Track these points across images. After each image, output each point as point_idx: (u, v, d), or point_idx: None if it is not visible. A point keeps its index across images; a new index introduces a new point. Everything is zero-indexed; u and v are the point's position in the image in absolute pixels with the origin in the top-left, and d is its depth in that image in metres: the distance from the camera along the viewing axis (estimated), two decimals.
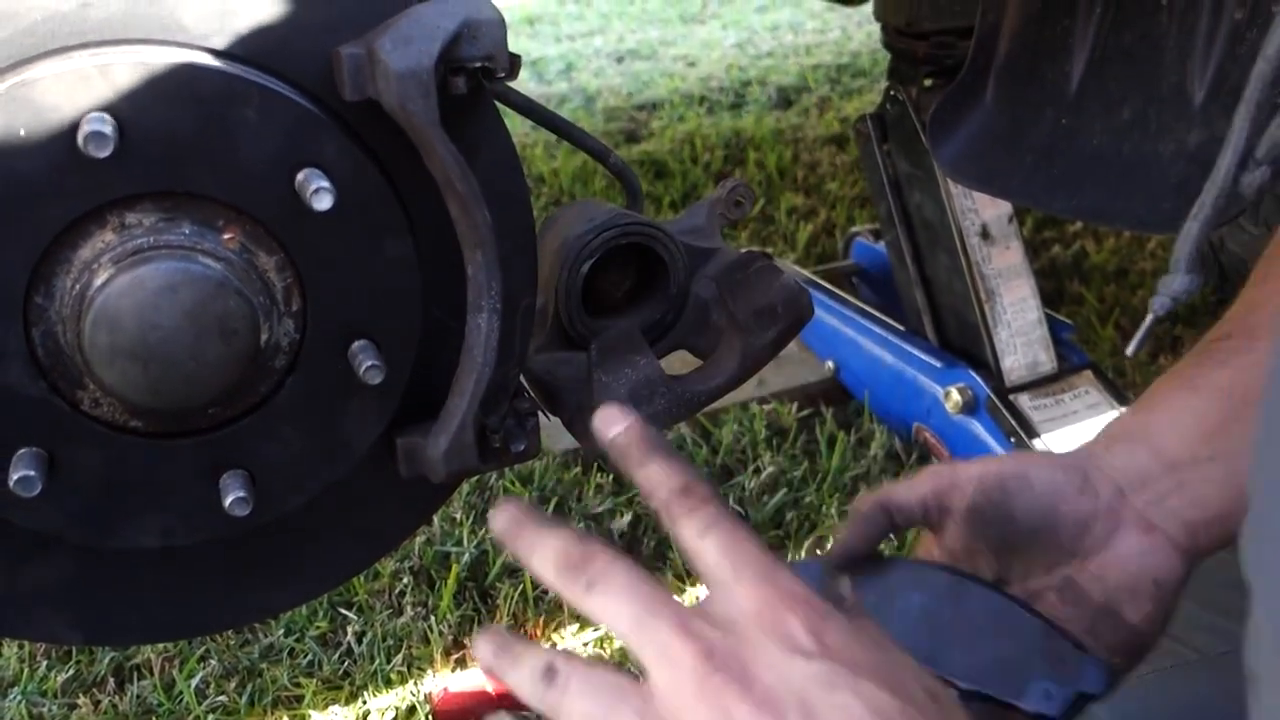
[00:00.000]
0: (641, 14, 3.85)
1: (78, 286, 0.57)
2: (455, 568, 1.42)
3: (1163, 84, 0.97)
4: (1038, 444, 1.54)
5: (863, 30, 3.46)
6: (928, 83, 1.58)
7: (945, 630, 0.58)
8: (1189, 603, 0.79)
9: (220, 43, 0.57)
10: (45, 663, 1.30)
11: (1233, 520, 0.59)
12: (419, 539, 1.47)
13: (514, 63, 0.61)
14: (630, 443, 0.49)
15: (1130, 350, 0.57)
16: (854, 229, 2.06)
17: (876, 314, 1.76)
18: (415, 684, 1.31)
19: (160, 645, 1.32)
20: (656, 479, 0.49)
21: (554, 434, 0.67)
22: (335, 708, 1.28)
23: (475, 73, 0.59)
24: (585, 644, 1.37)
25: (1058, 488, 0.61)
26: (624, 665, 1.35)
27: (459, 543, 1.47)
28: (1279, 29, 0.47)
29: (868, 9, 1.78)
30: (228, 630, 1.33)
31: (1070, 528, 0.60)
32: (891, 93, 1.61)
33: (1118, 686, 0.59)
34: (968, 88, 1.12)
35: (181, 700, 1.27)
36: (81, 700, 1.26)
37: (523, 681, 0.48)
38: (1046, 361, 1.62)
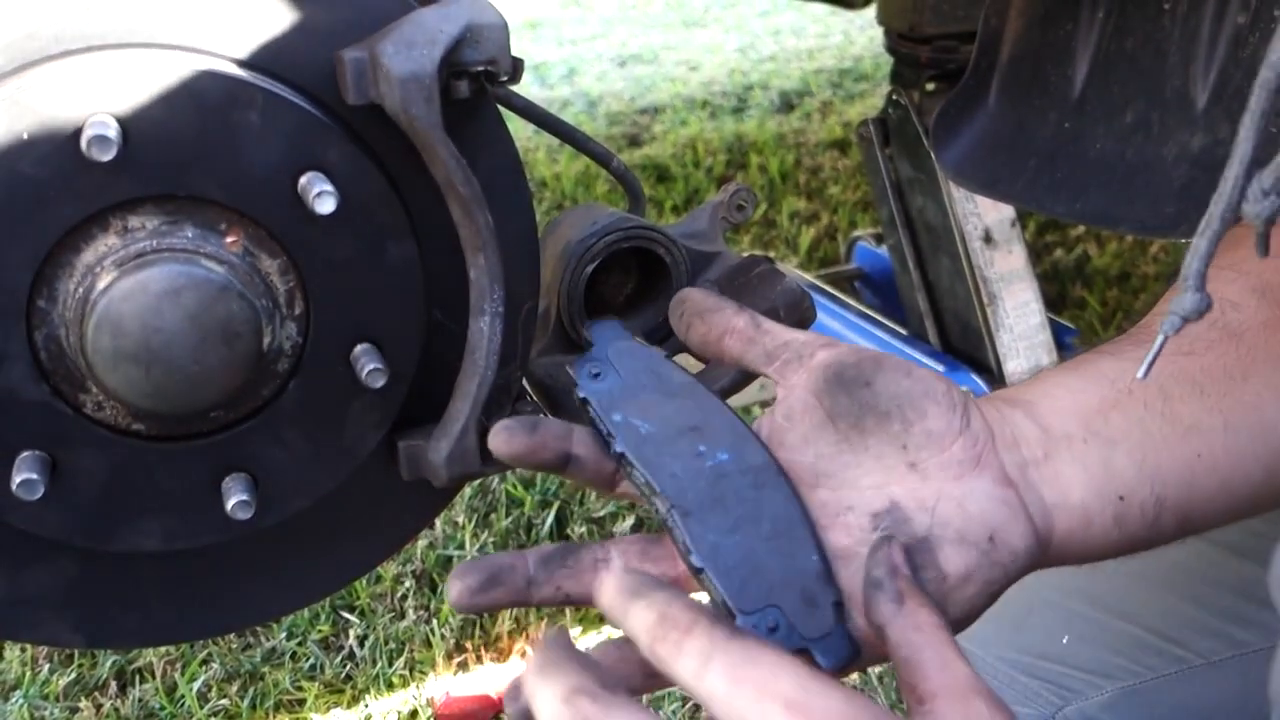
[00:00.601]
0: (644, 18, 3.86)
1: (80, 290, 0.57)
2: None
3: (1166, 88, 0.97)
4: None
5: (865, 34, 3.47)
6: (930, 87, 1.58)
7: (724, 497, 0.53)
8: (1193, 608, 0.79)
9: (223, 47, 0.57)
10: (47, 666, 1.30)
11: (1091, 527, 0.56)
12: (421, 542, 1.47)
13: (517, 67, 0.61)
14: (610, 601, 0.45)
15: (1141, 373, 0.53)
16: (856, 233, 2.06)
17: (879, 318, 1.76)
18: (417, 688, 1.31)
19: (162, 649, 1.32)
20: (636, 626, 0.44)
21: None
22: (337, 711, 1.28)
23: (478, 77, 0.59)
24: (586, 648, 1.36)
25: (932, 389, 0.54)
26: None
27: (461, 546, 1.47)
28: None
29: (870, 13, 1.78)
30: (230, 633, 1.33)
31: (926, 434, 0.53)
32: (894, 97, 1.61)
33: (846, 669, 0.51)
34: (971, 91, 1.12)
35: (183, 704, 1.27)
36: (83, 704, 1.26)
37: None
38: (1048, 364, 1.62)
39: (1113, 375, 0.57)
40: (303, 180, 0.58)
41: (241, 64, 0.58)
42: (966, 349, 1.65)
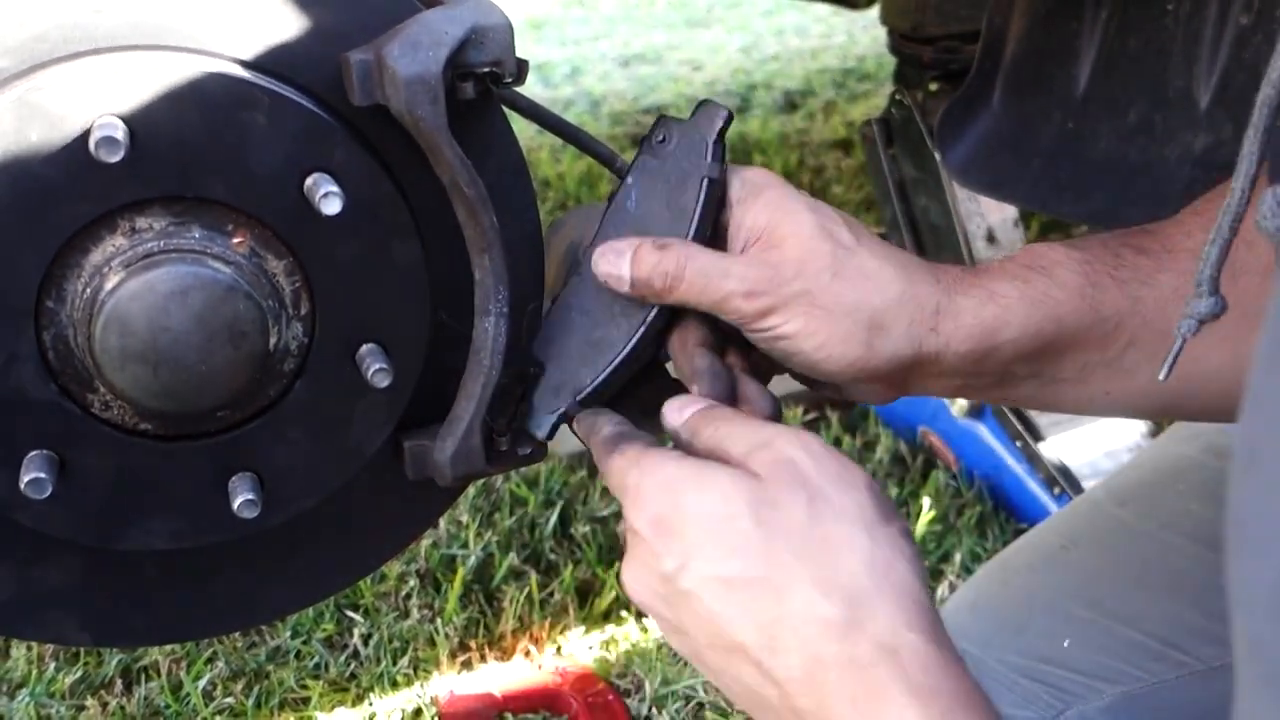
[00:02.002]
0: (647, 18, 3.86)
1: (89, 290, 0.57)
2: (461, 570, 1.42)
3: (1169, 88, 0.97)
4: (1044, 448, 1.53)
5: (868, 34, 3.47)
6: (933, 87, 1.58)
7: (599, 320, 0.65)
8: (1195, 613, 0.79)
9: (230, 49, 0.58)
10: (53, 664, 1.30)
11: (993, 346, 0.63)
12: (425, 542, 1.48)
13: (521, 68, 0.61)
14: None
15: (1162, 375, 0.57)
16: None
17: None
18: (421, 686, 1.31)
19: (168, 647, 1.33)
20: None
21: (560, 437, 0.67)
22: (341, 710, 1.28)
23: (483, 78, 0.60)
24: (590, 647, 1.37)
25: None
26: (630, 666, 1.34)
27: (465, 545, 1.47)
28: None
29: (873, 13, 1.78)
30: (235, 632, 1.33)
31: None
32: (897, 97, 1.61)
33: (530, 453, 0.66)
34: (975, 92, 1.12)
35: (189, 702, 1.27)
36: (89, 702, 1.26)
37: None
38: None
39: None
40: (309, 181, 0.58)
41: (248, 66, 0.58)
42: None
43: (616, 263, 0.62)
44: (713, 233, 0.64)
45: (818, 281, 0.60)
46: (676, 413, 0.59)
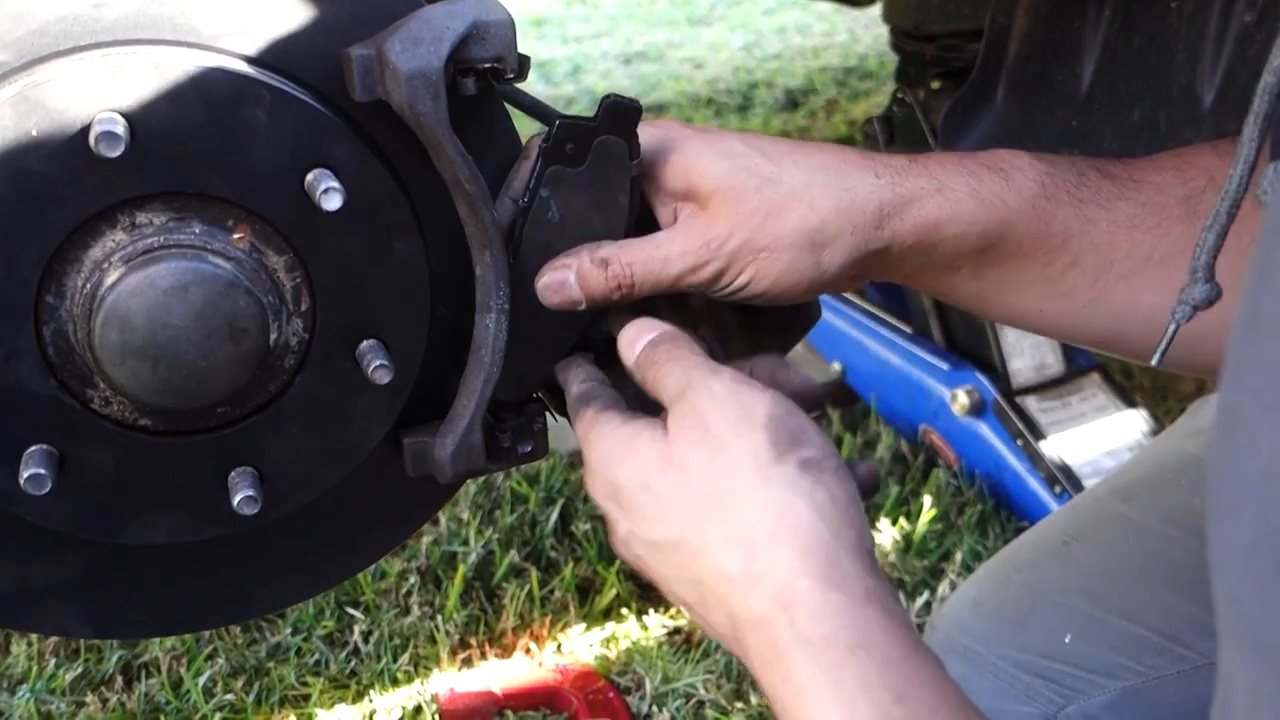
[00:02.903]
0: (649, 16, 3.86)
1: (88, 285, 0.57)
2: (462, 568, 1.42)
3: (1172, 86, 0.97)
4: (1045, 446, 1.53)
5: (870, 32, 3.46)
6: (935, 85, 1.58)
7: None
8: (1196, 608, 0.79)
9: (231, 44, 0.58)
10: (54, 660, 1.30)
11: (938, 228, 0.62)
12: (426, 539, 1.48)
13: (523, 64, 0.61)
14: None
15: (1155, 360, 0.57)
16: None
17: (883, 316, 1.76)
18: (422, 683, 1.31)
19: (168, 643, 1.33)
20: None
21: (561, 435, 0.68)
22: (342, 706, 1.28)
23: (484, 74, 0.60)
24: (591, 645, 1.37)
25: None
26: (630, 664, 1.34)
27: (465, 542, 1.47)
28: None
29: (875, 11, 1.78)
30: (234, 625, 1.33)
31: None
32: (899, 95, 1.60)
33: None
34: (978, 90, 1.12)
35: (189, 698, 1.27)
36: (90, 698, 1.26)
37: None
38: (1054, 364, 1.61)
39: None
40: (309, 177, 0.58)
41: (249, 61, 0.58)
42: (971, 347, 1.65)
43: (564, 290, 0.62)
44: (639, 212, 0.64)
45: (752, 227, 0.60)
46: (629, 349, 0.60)
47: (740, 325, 0.71)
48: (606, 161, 0.61)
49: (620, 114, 0.60)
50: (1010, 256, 0.64)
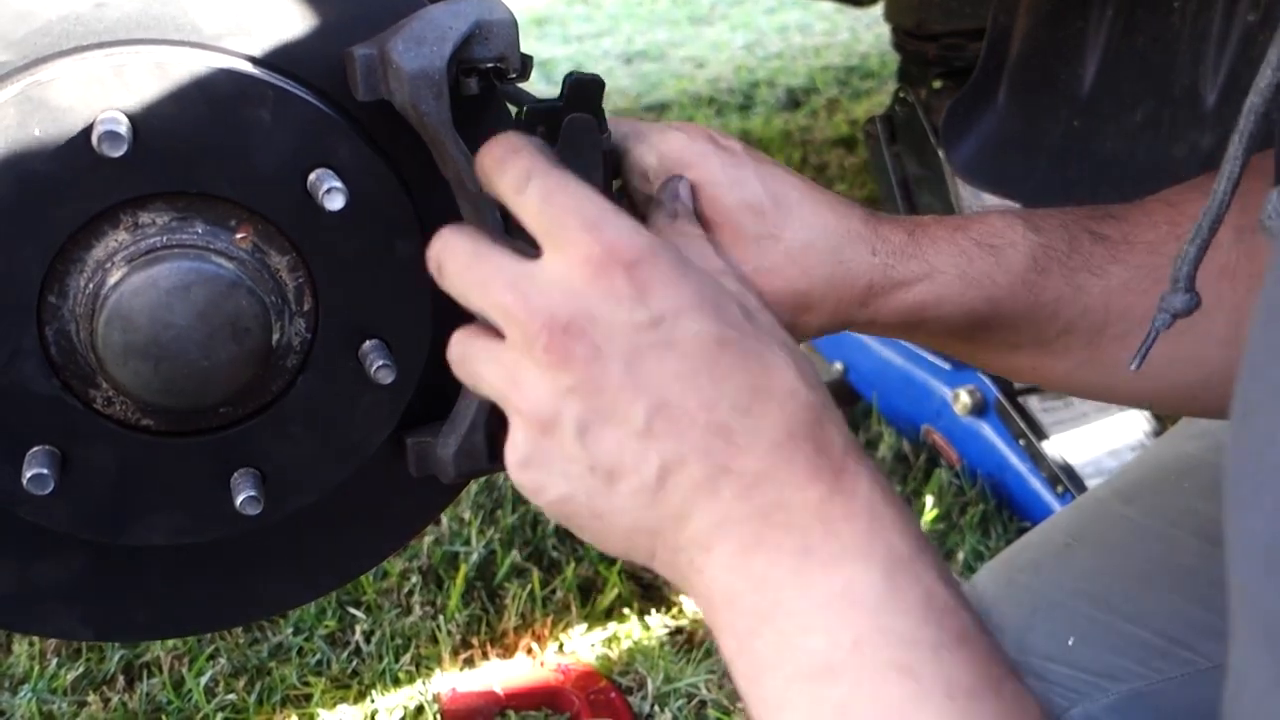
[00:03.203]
0: (650, 15, 3.85)
1: (91, 285, 0.57)
2: (463, 567, 1.42)
3: (1175, 86, 0.97)
4: (1047, 446, 1.53)
5: (872, 32, 3.46)
6: (937, 85, 1.58)
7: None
8: (1200, 610, 0.79)
9: (234, 43, 0.58)
10: (55, 660, 1.30)
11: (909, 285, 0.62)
12: (427, 538, 1.48)
13: (526, 64, 0.61)
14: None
15: (1133, 365, 0.58)
16: None
17: None
18: (423, 683, 1.31)
19: (170, 643, 1.33)
20: (486, 164, 0.52)
21: None
22: (343, 707, 1.28)
23: (487, 73, 0.60)
24: (592, 645, 1.37)
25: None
26: (632, 664, 1.34)
27: (467, 542, 1.47)
28: (1265, 73, 0.48)
29: (877, 11, 1.78)
30: (236, 627, 1.33)
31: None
32: (901, 94, 1.60)
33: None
34: (980, 90, 1.12)
35: (190, 698, 1.27)
36: (91, 698, 1.26)
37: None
38: None
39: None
40: (312, 177, 0.58)
41: (252, 61, 0.58)
42: None
43: None
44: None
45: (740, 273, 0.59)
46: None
47: None
48: (578, 139, 0.61)
49: (584, 90, 0.60)
50: (1000, 328, 0.64)
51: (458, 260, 0.51)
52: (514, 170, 0.51)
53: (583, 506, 0.49)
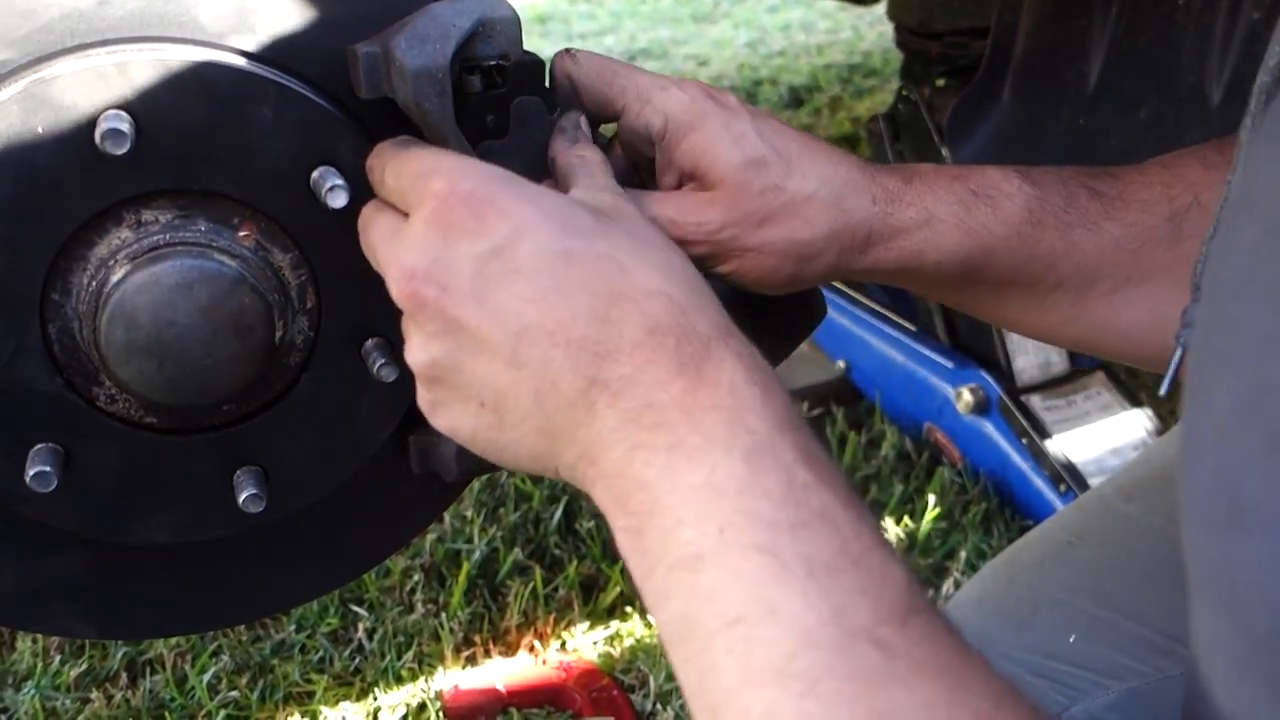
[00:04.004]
0: (653, 13, 3.85)
1: (94, 283, 0.57)
2: (466, 565, 1.42)
3: (1180, 84, 0.97)
4: (1050, 445, 1.53)
5: (875, 30, 3.45)
6: (940, 83, 1.57)
7: None
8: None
9: (237, 41, 0.57)
10: (59, 657, 1.31)
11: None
12: (430, 536, 1.48)
13: (538, 67, 0.61)
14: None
15: (1163, 391, 0.58)
16: None
17: (888, 314, 1.76)
18: (426, 681, 1.31)
19: (173, 641, 1.33)
20: (371, 181, 0.57)
21: None
22: (346, 704, 1.28)
23: (490, 71, 0.59)
24: (595, 642, 1.37)
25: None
26: (635, 662, 1.34)
27: (469, 540, 1.47)
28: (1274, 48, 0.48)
29: (880, 9, 1.77)
30: (239, 625, 1.33)
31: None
32: (904, 93, 1.60)
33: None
34: (985, 88, 1.12)
35: (194, 695, 1.27)
36: (94, 695, 1.27)
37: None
38: (1059, 362, 1.61)
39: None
40: (315, 174, 0.58)
41: (254, 58, 0.58)
42: (976, 346, 1.64)
43: None
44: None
45: (746, 226, 0.60)
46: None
47: (742, 322, 0.71)
48: (527, 123, 0.61)
49: (525, 73, 0.61)
50: (993, 279, 0.64)
51: (360, 224, 0.56)
52: (373, 170, 0.56)
53: (489, 440, 0.51)
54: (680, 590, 0.44)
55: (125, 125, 0.54)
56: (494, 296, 0.48)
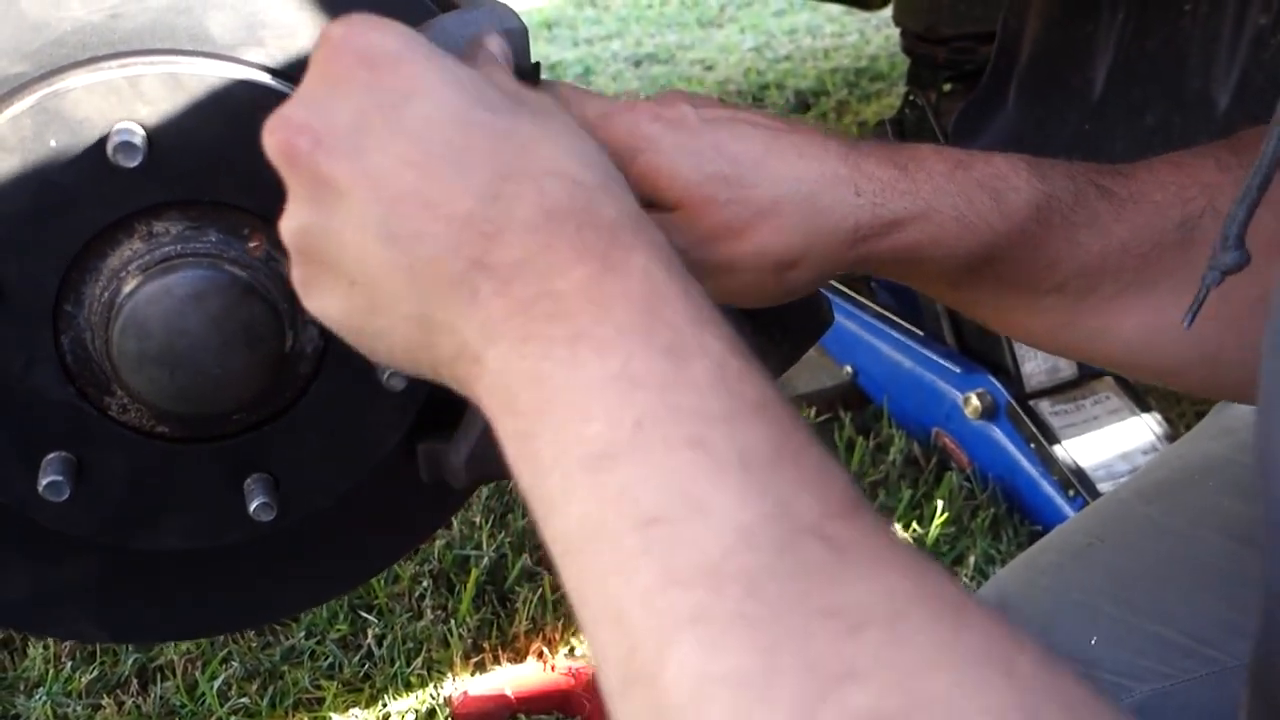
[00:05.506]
0: (659, 18, 3.85)
1: (106, 294, 0.58)
2: (475, 571, 1.43)
3: (1186, 90, 0.97)
4: (1059, 450, 1.53)
5: (881, 34, 3.45)
6: (947, 88, 1.57)
7: None
8: (1226, 608, 0.78)
9: (248, 53, 0.58)
10: (70, 664, 1.31)
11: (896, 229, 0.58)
12: (438, 542, 1.48)
13: (535, 71, 0.61)
14: None
15: (1186, 323, 0.56)
16: None
17: (895, 319, 1.76)
18: (435, 687, 1.31)
19: (183, 647, 1.33)
20: None
21: None
22: (355, 710, 1.29)
23: None
24: None
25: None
26: None
27: (478, 546, 1.47)
28: None
29: (887, 14, 1.77)
30: (249, 629, 1.34)
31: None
32: (910, 97, 1.60)
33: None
34: (990, 93, 1.12)
35: (204, 702, 1.28)
36: (105, 701, 1.27)
37: None
38: (1067, 367, 1.61)
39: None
40: None
41: (266, 71, 0.58)
42: (983, 350, 1.64)
43: None
44: None
45: (710, 245, 0.57)
46: None
47: (743, 334, 0.71)
48: None
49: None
50: (992, 278, 0.62)
51: None
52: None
53: (359, 328, 0.46)
54: (581, 493, 0.38)
55: (137, 138, 0.54)
56: (371, 155, 0.42)
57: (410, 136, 0.42)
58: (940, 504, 1.54)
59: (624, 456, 0.37)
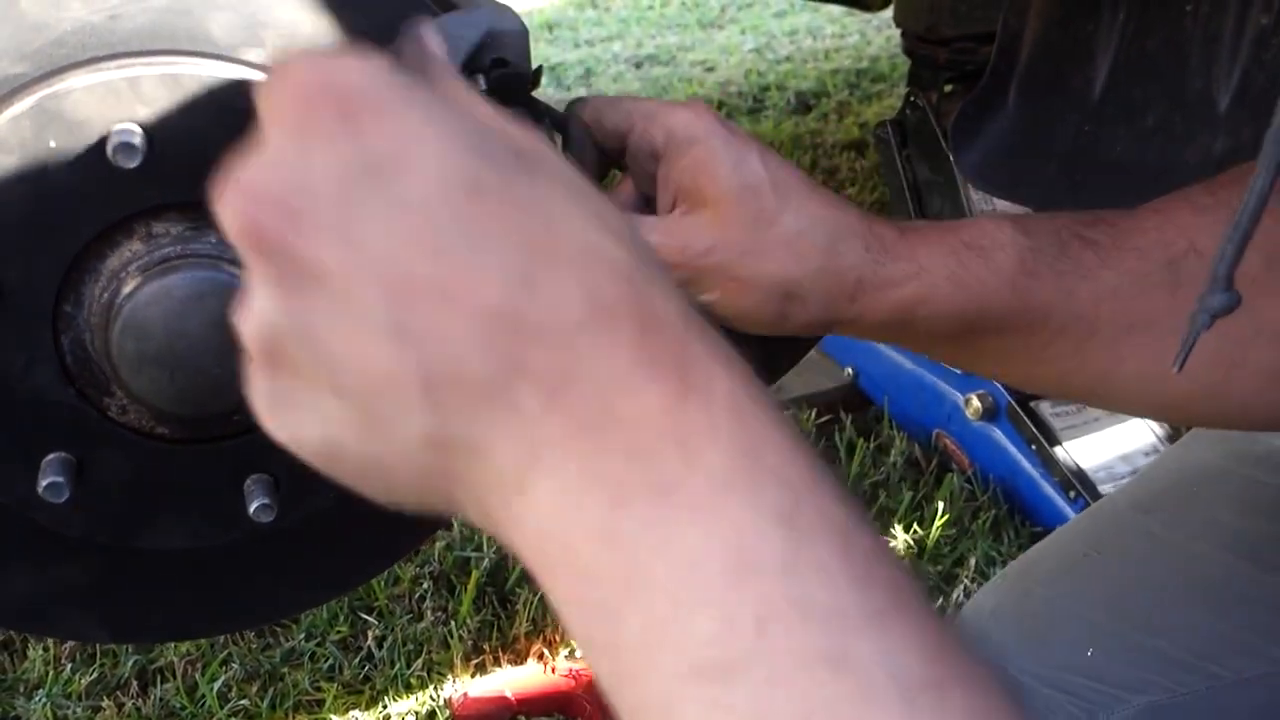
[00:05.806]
0: (660, 19, 3.86)
1: (106, 295, 0.58)
2: (475, 573, 1.42)
3: (1187, 90, 0.97)
4: (1059, 452, 1.53)
5: (882, 35, 3.45)
6: (948, 88, 1.57)
7: None
8: (1224, 623, 0.78)
9: (248, 54, 0.58)
10: (70, 665, 1.31)
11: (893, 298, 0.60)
12: (439, 544, 1.48)
13: (536, 73, 0.61)
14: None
15: (1176, 367, 0.57)
16: None
17: None
18: (435, 689, 1.31)
19: (183, 649, 1.33)
20: None
21: None
22: (356, 712, 1.28)
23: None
24: None
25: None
26: None
27: (479, 548, 1.47)
28: None
29: (887, 14, 1.77)
30: (250, 629, 1.34)
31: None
32: (911, 98, 1.60)
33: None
34: (990, 94, 1.12)
35: (204, 703, 1.28)
36: (105, 702, 1.27)
37: None
38: None
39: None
40: None
41: (265, 72, 0.58)
42: None
43: None
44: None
45: (732, 256, 0.59)
46: None
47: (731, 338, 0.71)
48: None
49: (507, 85, 0.59)
50: (990, 332, 0.63)
51: None
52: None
53: (347, 455, 0.36)
54: (694, 710, 0.30)
55: (137, 139, 0.54)
56: (365, 232, 0.32)
57: (410, 209, 0.33)
58: (941, 505, 1.54)
59: (747, 673, 0.29)
